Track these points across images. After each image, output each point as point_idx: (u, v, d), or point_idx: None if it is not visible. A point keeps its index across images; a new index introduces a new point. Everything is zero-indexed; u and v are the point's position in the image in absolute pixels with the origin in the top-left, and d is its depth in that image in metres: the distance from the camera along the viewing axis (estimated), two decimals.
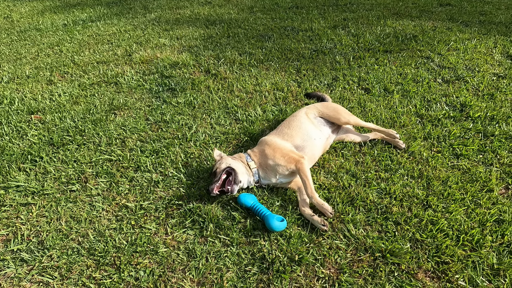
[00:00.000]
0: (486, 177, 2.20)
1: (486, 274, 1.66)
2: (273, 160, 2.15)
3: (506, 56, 3.74)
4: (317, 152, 2.32)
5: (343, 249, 1.82)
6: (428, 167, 2.30)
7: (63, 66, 4.15)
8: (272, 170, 2.16)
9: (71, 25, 5.80)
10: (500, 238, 1.82)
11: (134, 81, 3.68)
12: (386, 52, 4.01)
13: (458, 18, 4.96)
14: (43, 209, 2.16)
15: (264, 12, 5.79)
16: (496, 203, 2.03)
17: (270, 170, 2.16)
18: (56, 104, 3.33)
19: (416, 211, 1.99)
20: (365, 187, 2.18)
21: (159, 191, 2.25)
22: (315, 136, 2.33)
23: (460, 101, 2.97)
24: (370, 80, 3.38)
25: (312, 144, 2.29)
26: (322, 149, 2.38)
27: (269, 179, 2.18)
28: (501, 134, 2.56)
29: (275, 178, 2.17)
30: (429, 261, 1.74)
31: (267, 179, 2.19)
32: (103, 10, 6.67)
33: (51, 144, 2.75)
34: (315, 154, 2.31)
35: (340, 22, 5.06)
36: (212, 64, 3.92)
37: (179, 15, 5.94)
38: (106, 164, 2.51)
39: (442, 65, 3.61)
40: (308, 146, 2.27)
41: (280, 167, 2.13)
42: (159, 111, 3.12)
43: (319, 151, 2.34)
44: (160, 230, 1.99)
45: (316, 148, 2.31)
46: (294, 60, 3.92)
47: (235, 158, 2.22)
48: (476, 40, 4.12)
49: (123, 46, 4.67)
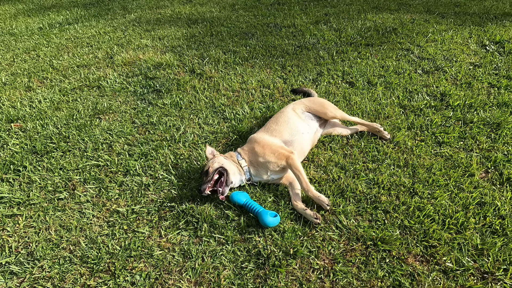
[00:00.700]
0: (467, 162, 2.30)
1: (471, 255, 1.75)
2: (263, 157, 2.16)
3: (481, 46, 3.89)
4: (306, 146, 2.36)
5: (336, 240, 1.87)
6: (413, 155, 2.38)
7: (42, 72, 4.01)
8: (263, 167, 2.18)
9: (47, 29, 5.60)
10: (483, 220, 1.92)
11: (118, 84, 3.61)
12: (367, 45, 4.09)
13: (434, 10, 5.11)
14: (30, 220, 2.10)
15: (246, 10, 5.78)
16: (477, 186, 2.12)
17: (261, 167, 2.18)
18: (36, 111, 3.23)
19: (403, 199, 2.06)
20: (354, 178, 2.23)
21: (150, 194, 2.23)
22: (303, 131, 2.37)
23: (440, 91, 3.08)
24: (354, 74, 3.45)
25: (301, 138, 2.32)
26: (311, 143, 2.42)
27: (261, 177, 2.21)
28: (479, 120, 2.67)
29: (266, 175, 2.19)
30: (418, 245, 1.81)
31: (258, 176, 2.21)
32: (80, 12, 6.47)
33: (34, 153, 2.67)
34: (304, 148, 2.35)
35: (322, 17, 5.12)
36: (197, 64, 3.89)
37: (160, 15, 5.84)
38: (93, 170, 2.46)
39: (421, 57, 3.72)
40: (297, 140, 2.30)
41: (271, 164, 2.15)
42: (145, 113, 3.08)
43: (308, 145, 2.38)
44: (154, 233, 1.98)
45: (305, 142, 2.35)
46: (279, 57, 3.94)
47: (227, 158, 2.22)
48: (453, 31, 4.26)
49: (104, 48, 4.56)
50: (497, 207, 1.98)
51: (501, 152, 2.37)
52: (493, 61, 3.52)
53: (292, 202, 2.06)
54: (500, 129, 2.56)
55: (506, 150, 2.38)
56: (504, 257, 1.72)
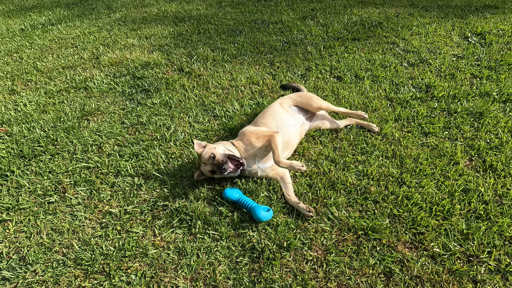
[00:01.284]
0: (452, 151, 2.37)
1: (457, 239, 1.82)
2: (250, 143, 2.23)
3: (463, 38, 3.99)
4: (293, 137, 2.39)
5: (328, 231, 1.91)
6: (400, 146, 2.44)
7: (26, 74, 3.92)
8: (251, 154, 2.22)
9: (29, 30, 5.46)
10: (468, 206, 1.99)
11: (105, 84, 3.56)
12: (354, 40, 4.14)
13: (418, 3, 5.20)
14: (21, 225, 2.08)
15: (233, 6, 5.76)
16: (462, 174, 2.20)
17: (249, 154, 2.22)
18: (22, 114, 3.16)
19: (392, 189, 2.11)
20: (344, 171, 2.28)
21: (142, 194, 2.23)
22: (289, 123, 2.41)
23: (425, 83, 3.16)
24: (342, 68, 3.49)
25: (287, 130, 2.36)
26: (298, 136, 2.46)
27: (250, 166, 2.23)
28: (463, 110, 2.76)
29: (254, 163, 2.23)
30: (407, 233, 1.87)
31: (248, 165, 2.23)
32: (63, 12, 6.32)
33: (21, 157, 2.62)
34: (291, 139, 2.38)
35: (309, 12, 5.15)
36: (185, 62, 3.87)
37: (146, 14, 5.77)
38: (84, 172, 2.44)
39: (406, 50, 3.80)
40: (284, 132, 2.33)
41: (256, 149, 2.21)
42: (134, 113, 3.05)
43: (295, 137, 2.42)
44: (148, 233, 1.98)
45: (292, 133, 2.39)
46: (267, 53, 3.96)
47: (225, 144, 2.25)
48: (436, 24, 4.35)
49: (89, 49, 4.48)
50: (481, 193, 2.05)
51: (484, 140, 2.46)
52: (475, 52, 3.62)
53: (285, 195, 2.09)
54: (483, 118, 2.65)
55: (489, 138, 2.47)
56: (488, 240, 1.79)
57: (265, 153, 2.23)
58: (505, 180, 2.14)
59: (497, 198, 2.04)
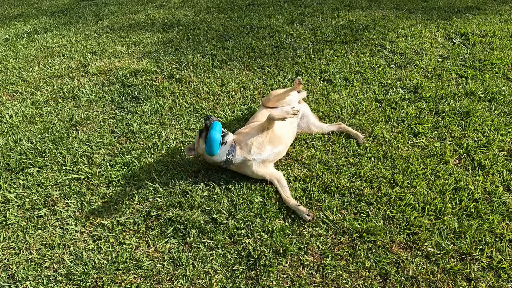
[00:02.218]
0: (441, 150, 2.41)
1: (450, 238, 1.84)
2: (246, 133, 2.32)
3: (448, 39, 4.09)
4: (285, 134, 2.40)
5: (323, 235, 1.91)
6: (391, 147, 2.47)
7: (11, 85, 3.84)
8: (248, 144, 2.25)
9: (14, 39, 5.35)
10: (459, 204, 2.02)
11: (94, 93, 3.51)
12: (342, 43, 4.20)
13: (403, 6, 5.32)
14: (9, 241, 2.01)
15: (221, 12, 5.77)
16: (452, 173, 2.24)
17: (245, 144, 2.26)
18: (8, 126, 3.08)
19: (385, 190, 2.13)
20: (337, 173, 2.29)
21: (135, 204, 2.19)
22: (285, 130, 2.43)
23: (413, 84, 3.22)
24: (331, 71, 3.53)
25: (278, 126, 2.38)
26: (290, 133, 2.48)
27: (246, 156, 2.22)
28: (450, 110, 2.81)
29: (250, 155, 2.22)
30: (401, 234, 1.88)
31: (244, 155, 2.22)
32: (48, 20, 6.22)
33: (8, 170, 2.55)
34: (283, 135, 2.38)
35: (297, 17, 5.20)
36: (175, 69, 3.85)
37: (134, 21, 5.73)
38: (74, 183, 2.38)
39: (394, 52, 3.87)
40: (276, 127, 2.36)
41: (253, 136, 2.27)
42: (124, 122, 3.01)
43: (288, 134, 2.43)
44: (142, 244, 1.95)
45: (283, 129, 2.40)
46: (257, 58, 3.97)
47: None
48: (421, 26, 4.45)
49: (77, 57, 4.42)
50: (471, 191, 2.09)
51: (472, 138, 2.51)
52: (459, 53, 3.72)
53: (284, 198, 2.09)
54: (470, 117, 2.71)
55: (476, 137, 2.53)
56: (480, 238, 1.82)
57: (261, 141, 2.25)
58: (494, 177, 2.19)
59: (487, 195, 2.08)
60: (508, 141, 2.47)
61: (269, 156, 2.25)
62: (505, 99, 2.90)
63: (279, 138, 2.32)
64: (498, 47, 3.79)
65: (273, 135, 2.30)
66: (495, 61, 3.48)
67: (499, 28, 4.22)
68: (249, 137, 2.27)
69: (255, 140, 2.24)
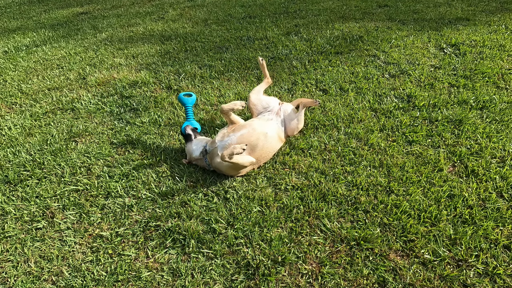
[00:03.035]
0: (435, 158, 2.46)
1: (446, 245, 1.87)
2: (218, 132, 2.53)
3: (439, 49, 4.21)
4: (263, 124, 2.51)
5: (321, 244, 1.93)
6: (387, 156, 2.52)
7: (10, 97, 3.87)
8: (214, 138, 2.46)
9: (13, 52, 5.41)
10: (453, 211, 2.06)
11: (92, 105, 3.55)
12: (337, 53, 4.30)
13: (395, 17, 5.47)
14: (7, 253, 2.01)
15: (218, 24, 5.89)
16: (446, 180, 2.28)
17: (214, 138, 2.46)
18: (7, 138, 3.10)
19: (381, 198, 2.17)
20: (334, 182, 2.33)
21: (134, 215, 2.20)
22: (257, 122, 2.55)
23: (406, 93, 3.29)
24: (327, 81, 3.60)
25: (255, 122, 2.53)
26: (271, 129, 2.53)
27: (212, 145, 2.40)
28: (443, 118, 2.88)
29: (215, 143, 2.38)
30: (398, 241, 1.91)
31: (212, 146, 2.40)
32: (47, 33, 6.31)
33: (7, 182, 2.56)
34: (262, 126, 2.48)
35: (292, 28, 5.32)
36: (173, 80, 3.91)
37: (132, 33, 5.82)
38: (72, 195, 2.39)
39: (387, 62, 3.96)
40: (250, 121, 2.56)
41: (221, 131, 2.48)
42: (123, 133, 3.04)
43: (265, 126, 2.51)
44: (141, 255, 1.95)
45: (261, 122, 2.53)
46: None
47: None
48: (413, 37, 4.58)
49: (76, 69, 4.47)
50: (465, 198, 2.13)
51: (465, 146, 2.57)
52: (451, 63, 3.82)
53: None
54: (462, 125, 2.78)
55: (469, 144, 2.58)
56: (475, 244, 1.85)
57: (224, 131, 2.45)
58: (487, 184, 2.23)
59: (481, 202, 2.12)
60: (500, 148, 2.52)
61: (232, 140, 2.34)
62: (496, 107, 2.98)
63: (243, 126, 2.44)
64: (488, 56, 3.90)
65: (238, 126, 2.46)
66: (485, 70, 3.58)
67: (488, 38, 4.35)
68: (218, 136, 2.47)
69: (220, 132, 2.46)
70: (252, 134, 2.37)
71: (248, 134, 2.36)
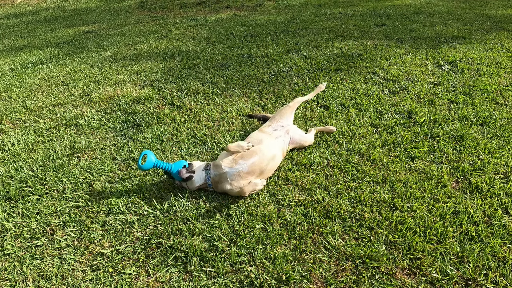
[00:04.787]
0: (439, 174, 2.46)
1: (453, 263, 1.83)
2: (220, 155, 2.45)
3: (437, 66, 4.29)
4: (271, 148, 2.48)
5: (326, 262, 1.89)
6: (389, 171, 2.52)
7: (14, 113, 3.91)
8: (219, 160, 2.38)
9: (19, 69, 5.52)
10: (459, 228, 2.03)
11: (96, 121, 3.58)
12: (337, 70, 4.38)
13: (393, 36, 5.61)
14: (5, 272, 1.97)
15: (220, 42, 6.04)
16: (451, 196, 2.27)
17: (218, 164, 2.35)
18: (9, 154, 3.11)
19: (385, 214, 2.15)
20: (337, 198, 2.31)
21: (135, 232, 2.17)
22: (266, 138, 2.55)
23: (406, 109, 3.33)
24: (327, 98, 3.65)
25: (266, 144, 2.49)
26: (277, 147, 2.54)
27: (218, 171, 2.32)
28: (444, 134, 2.90)
29: (221, 168, 2.30)
30: (404, 259, 1.87)
31: (217, 170, 2.33)
32: (53, 51, 6.46)
33: (8, 198, 2.54)
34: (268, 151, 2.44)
35: (293, 46, 5.45)
36: (176, 96, 3.97)
37: (136, 51, 5.96)
38: (74, 211, 2.37)
39: (386, 78, 4.03)
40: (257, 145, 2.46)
41: (224, 156, 2.39)
42: (126, 149, 3.05)
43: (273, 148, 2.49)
44: (142, 273, 1.91)
45: (269, 144, 2.50)
46: (255, 85, 4.11)
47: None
48: (411, 54, 4.68)
49: (80, 86, 4.55)
50: (470, 214, 2.11)
51: (467, 162, 2.57)
52: (449, 79, 3.88)
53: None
54: (464, 140, 2.79)
55: (471, 160, 2.58)
56: (483, 262, 1.82)
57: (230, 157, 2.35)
58: (491, 200, 2.21)
59: (486, 218, 2.09)
60: (503, 164, 2.52)
61: (243, 168, 2.28)
62: (496, 123, 3.00)
63: (252, 152, 2.38)
64: (485, 73, 3.97)
65: (247, 152, 2.39)
66: (483, 87, 3.63)
67: (485, 56, 4.45)
68: (221, 158, 2.40)
69: (226, 159, 2.36)
70: (263, 160, 2.38)
71: (259, 161, 2.36)
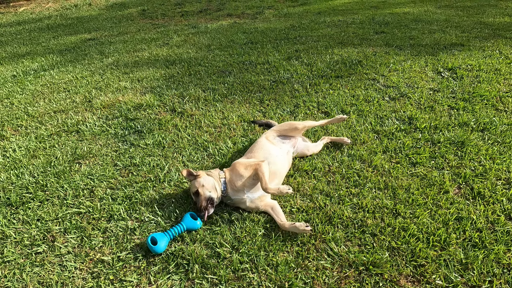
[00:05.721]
0: (440, 180, 2.45)
1: (457, 270, 1.82)
2: (238, 174, 2.30)
3: (437, 73, 4.32)
4: (281, 166, 2.47)
5: (329, 269, 1.88)
6: (391, 177, 2.51)
7: (16, 119, 3.92)
8: (240, 185, 2.27)
9: (21, 76, 5.55)
10: (463, 234, 2.02)
11: (97, 127, 3.59)
12: (337, 77, 4.41)
13: (392, 43, 5.67)
14: (5, 279, 1.95)
15: (221, 49, 6.09)
16: (453, 202, 2.26)
17: (239, 185, 2.27)
18: (11, 160, 3.10)
19: (388, 221, 2.14)
20: (339, 204, 2.30)
21: (136, 239, 2.16)
22: (276, 153, 2.51)
23: (407, 115, 3.34)
24: (328, 104, 3.67)
25: (274, 160, 2.45)
26: (286, 164, 2.55)
27: (239, 195, 2.28)
28: (445, 140, 2.90)
29: (244, 194, 2.26)
30: (407, 266, 1.86)
31: (237, 195, 2.29)
32: (55, 58, 6.51)
33: (8, 205, 2.53)
34: (279, 169, 2.44)
35: (293, 53, 5.50)
36: (177, 103, 3.98)
37: (138, 58, 6.01)
38: (74, 218, 2.36)
39: (386, 85, 4.06)
40: (271, 161, 2.42)
41: (245, 179, 2.27)
42: (127, 155, 3.05)
43: (283, 166, 2.50)
44: (143, 281, 1.89)
45: (279, 163, 2.47)
46: (256, 92, 4.14)
47: (209, 174, 2.35)
48: (411, 61, 4.72)
49: (82, 92, 4.57)
50: (473, 220, 2.10)
51: (469, 168, 2.57)
52: (449, 86, 3.91)
53: (279, 223, 2.11)
54: (465, 146, 2.79)
55: (473, 166, 2.58)
56: (487, 269, 1.80)
57: (253, 183, 2.29)
58: (494, 206, 2.21)
59: (489, 225, 2.08)
60: (505, 170, 2.52)
61: (263, 193, 2.28)
62: (497, 129, 3.01)
63: (274, 174, 2.38)
64: (485, 80, 4.00)
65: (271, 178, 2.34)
66: (483, 93, 3.65)
67: (483, 63, 4.49)
68: (239, 179, 2.29)
69: (247, 183, 2.28)
70: (280, 181, 2.46)
71: (279, 181, 2.43)
